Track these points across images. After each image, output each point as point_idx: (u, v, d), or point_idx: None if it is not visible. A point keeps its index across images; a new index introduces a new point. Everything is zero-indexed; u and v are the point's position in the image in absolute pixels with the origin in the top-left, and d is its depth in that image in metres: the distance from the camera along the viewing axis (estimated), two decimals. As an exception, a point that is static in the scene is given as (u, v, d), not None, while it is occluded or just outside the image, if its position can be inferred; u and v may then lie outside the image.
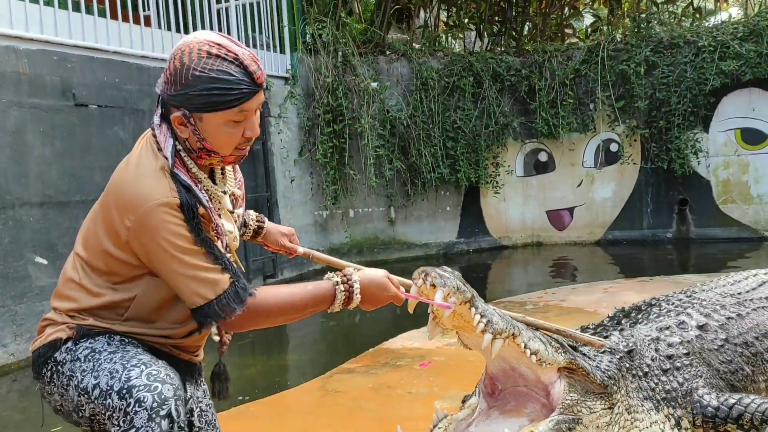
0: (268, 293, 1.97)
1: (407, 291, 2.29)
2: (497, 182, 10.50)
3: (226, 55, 1.86)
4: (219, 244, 1.97)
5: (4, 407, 4.52)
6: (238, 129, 1.92)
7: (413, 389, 3.89)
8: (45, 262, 5.43)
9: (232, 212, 2.12)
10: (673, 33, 10.08)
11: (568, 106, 10.26)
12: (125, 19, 6.66)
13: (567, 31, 12.51)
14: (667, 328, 2.94)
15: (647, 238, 10.26)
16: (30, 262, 5.33)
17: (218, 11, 8.09)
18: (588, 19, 13.31)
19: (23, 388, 4.82)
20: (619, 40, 10.47)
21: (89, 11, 6.21)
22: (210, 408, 2.22)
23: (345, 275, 2.04)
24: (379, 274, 2.11)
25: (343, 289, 2.01)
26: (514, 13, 11.65)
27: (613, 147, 10.40)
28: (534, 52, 10.64)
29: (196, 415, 1.84)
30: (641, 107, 9.97)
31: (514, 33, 11.71)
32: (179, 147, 1.95)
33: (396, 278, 2.27)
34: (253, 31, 8.63)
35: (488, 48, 11.37)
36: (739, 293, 3.26)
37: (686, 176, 9.94)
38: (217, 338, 2.20)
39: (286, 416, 3.77)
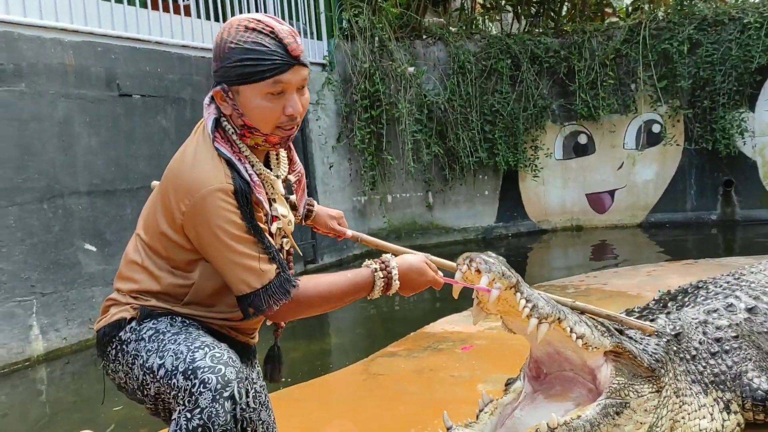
0: (309, 284, 1.98)
1: (451, 274, 2.30)
2: (536, 165, 10.40)
3: (263, 28, 1.87)
4: (271, 228, 2.00)
5: (58, 389, 4.69)
6: (277, 104, 1.91)
7: (455, 372, 3.91)
8: (94, 249, 5.58)
9: (287, 198, 2.14)
10: (717, 10, 9.80)
11: (609, 87, 10.08)
12: (165, 9, 6.75)
13: (607, 10, 12.25)
14: (715, 311, 2.91)
15: (691, 221, 10.06)
16: (79, 250, 5.48)
17: (256, -1, 8.14)
18: (628, -2, 13.00)
19: (76, 371, 4.99)
20: (661, 18, 10.22)
21: (131, 2, 6.32)
22: (263, 389, 2.27)
23: (383, 262, 2.05)
24: (417, 258, 2.12)
25: (381, 276, 2.03)
26: (552, -8, 11.47)
27: (656, 128, 10.19)
28: (573, 32, 10.47)
29: (251, 396, 1.88)
30: (684, 87, 9.74)
31: (552, 13, 11.52)
32: (231, 130, 1.98)
33: (438, 260, 2.28)
34: (291, 18, 8.67)
35: (526, 29, 11.22)
36: (789, 275, 3.19)
37: (731, 157, 9.70)
38: (270, 321, 2.25)
39: (331, 398, 3.83)
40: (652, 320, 2.83)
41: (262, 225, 1.96)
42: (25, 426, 3.94)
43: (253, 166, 1.99)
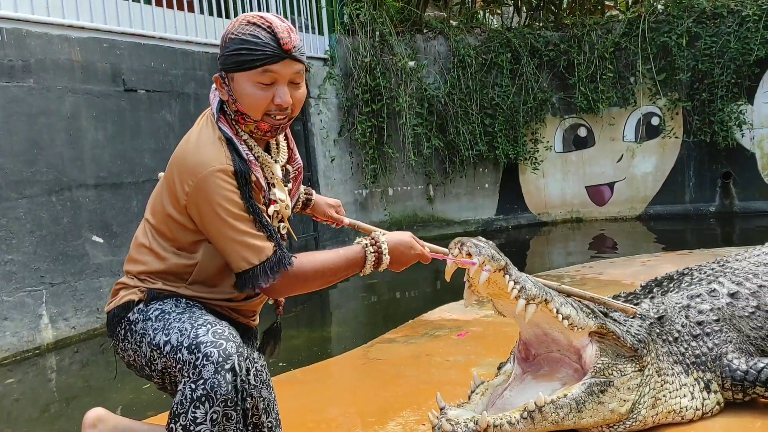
0: (304, 260, 2.11)
1: (443, 260, 2.43)
2: (536, 158, 10.51)
3: (262, 23, 2.03)
4: (269, 210, 2.13)
5: (68, 376, 4.83)
6: (266, 93, 2.06)
7: (451, 357, 4.03)
8: (101, 240, 5.72)
9: (286, 184, 2.27)
10: (716, 3, 9.89)
11: (608, 80, 10.18)
12: (169, 5, 6.86)
13: (607, 3, 12.32)
14: (698, 296, 3.02)
15: (690, 213, 10.17)
16: (87, 241, 5.62)
17: (258, -6, 8.24)
18: (629, -9, 13.05)
19: (84, 359, 5.13)
20: (660, 11, 10.30)
21: (135, -1, 6.44)
22: (264, 368, 2.39)
23: (373, 238, 2.18)
24: (405, 234, 2.25)
25: (372, 250, 2.15)
26: (552, -14, 11.54)
27: (655, 121, 10.29)
28: (573, 26, 10.56)
29: (252, 374, 2.01)
30: (683, 80, 9.84)
31: (552, 7, 11.60)
32: (231, 115, 2.13)
33: (430, 246, 2.41)
34: (292, 13, 8.78)
35: (526, 23, 11.31)
36: (772, 262, 3.30)
37: (730, 149, 9.80)
38: (272, 301, 2.38)
39: (331, 381, 3.96)
40: (636, 304, 2.95)
41: (260, 205, 2.09)
42: (36, 409, 4.08)
43: (251, 149, 2.13)
